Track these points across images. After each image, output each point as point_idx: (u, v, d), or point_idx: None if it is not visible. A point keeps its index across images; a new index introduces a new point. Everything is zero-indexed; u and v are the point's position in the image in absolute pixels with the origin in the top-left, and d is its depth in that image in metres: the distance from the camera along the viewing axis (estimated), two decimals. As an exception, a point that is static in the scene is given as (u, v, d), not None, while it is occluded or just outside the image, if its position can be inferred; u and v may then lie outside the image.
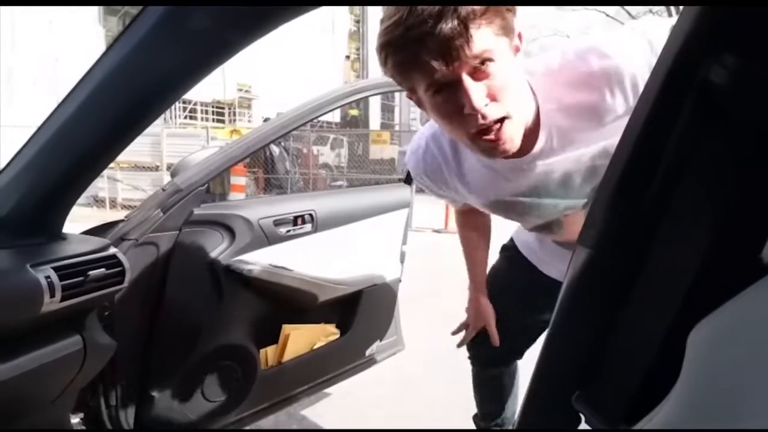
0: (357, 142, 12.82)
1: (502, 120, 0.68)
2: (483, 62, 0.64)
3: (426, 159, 0.89)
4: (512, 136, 0.70)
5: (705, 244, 0.40)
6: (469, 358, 1.43)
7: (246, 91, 16.71)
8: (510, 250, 1.26)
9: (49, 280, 0.83)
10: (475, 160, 0.85)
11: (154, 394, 1.30)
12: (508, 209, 0.91)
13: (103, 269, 0.94)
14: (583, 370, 0.52)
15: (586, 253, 0.51)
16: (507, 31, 0.67)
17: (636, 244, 0.46)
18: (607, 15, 14.76)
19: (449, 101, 0.67)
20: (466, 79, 0.64)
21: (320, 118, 1.53)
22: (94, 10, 12.57)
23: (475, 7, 0.62)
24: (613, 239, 0.49)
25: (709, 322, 0.33)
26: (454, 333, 1.30)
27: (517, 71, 0.71)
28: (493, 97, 0.66)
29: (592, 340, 0.51)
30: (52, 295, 0.83)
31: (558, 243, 1.06)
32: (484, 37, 0.63)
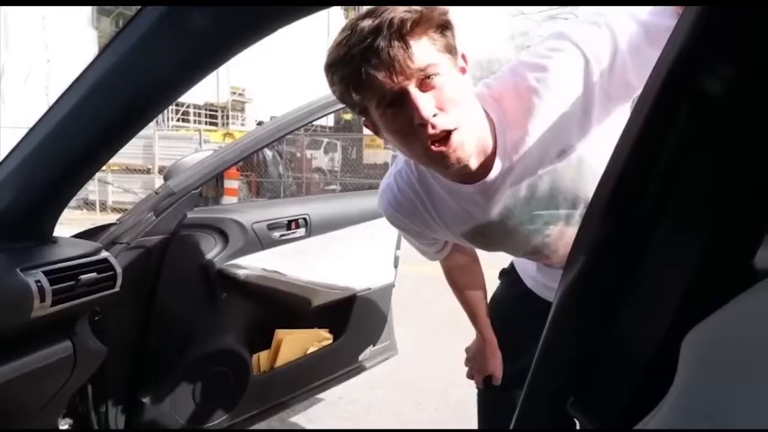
0: (350, 146, 12.82)
1: (449, 132, 0.69)
2: (428, 76, 0.67)
3: (396, 195, 0.89)
4: (462, 145, 0.71)
5: (698, 251, 0.41)
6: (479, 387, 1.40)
7: (239, 94, 16.68)
8: (509, 274, 1.22)
9: (39, 284, 0.82)
10: (441, 189, 0.85)
11: (145, 399, 1.28)
12: (488, 237, 0.90)
13: (94, 273, 0.93)
14: (578, 375, 0.52)
15: (580, 259, 0.51)
16: (449, 48, 0.70)
17: (629, 250, 0.46)
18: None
19: (399, 114, 0.68)
20: (413, 90, 0.67)
21: (314, 122, 1.52)
22: (87, 11, 12.50)
23: (407, 18, 0.64)
24: (606, 246, 0.49)
25: (703, 329, 0.33)
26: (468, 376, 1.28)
27: (465, 87, 0.73)
28: (441, 108, 0.68)
29: (586, 345, 0.52)
30: (43, 300, 0.82)
31: (554, 267, 1.01)
32: (424, 50, 0.67)
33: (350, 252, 1.64)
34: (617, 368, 0.49)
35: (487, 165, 0.78)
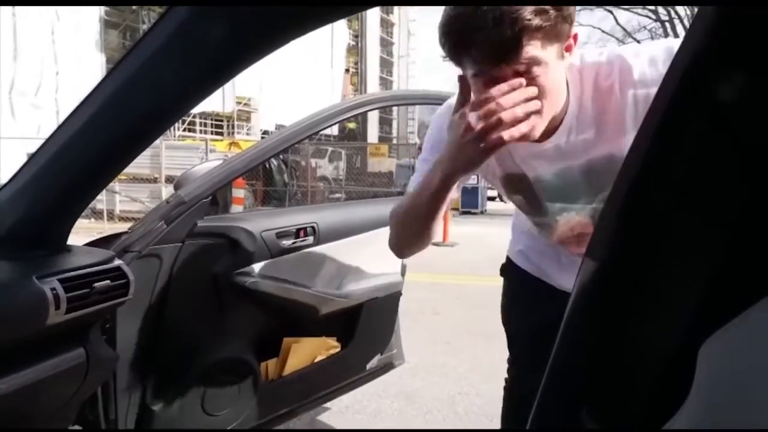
0: (355, 154, 12.88)
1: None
2: (529, 66, 0.69)
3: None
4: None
5: (715, 258, 0.41)
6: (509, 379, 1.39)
7: (245, 103, 16.80)
8: (508, 269, 1.23)
9: (54, 292, 0.83)
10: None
11: (155, 407, 1.29)
12: (510, 186, 0.94)
13: (108, 281, 0.94)
14: (592, 384, 0.52)
15: (595, 265, 0.51)
16: (560, 38, 0.71)
17: (645, 257, 0.46)
18: (603, 31, 14.99)
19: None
20: (509, 76, 0.69)
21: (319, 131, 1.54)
22: (94, 23, 12.67)
23: (533, 21, 0.66)
24: (622, 253, 0.49)
25: (721, 337, 0.34)
26: None
27: (560, 74, 0.75)
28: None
29: (601, 353, 0.52)
30: (58, 307, 0.83)
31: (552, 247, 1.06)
32: (535, 47, 0.68)
33: (358, 260, 1.64)
34: (632, 377, 0.49)
35: (545, 132, 0.79)
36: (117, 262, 1.01)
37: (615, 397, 0.50)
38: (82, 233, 1.50)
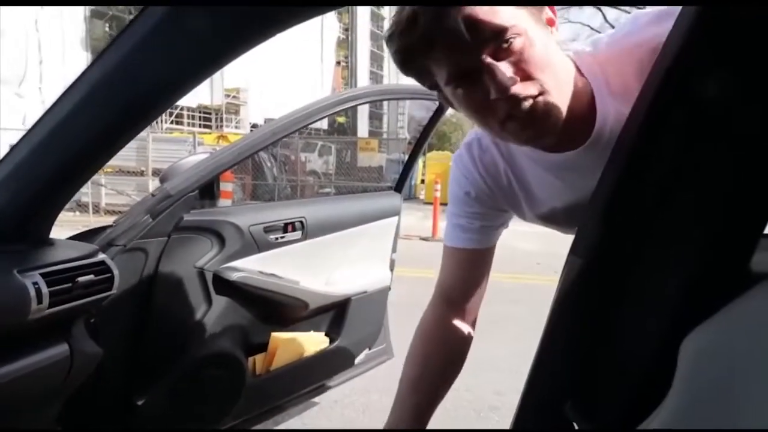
0: (345, 149, 12.83)
1: (534, 97, 0.58)
2: (505, 40, 0.56)
3: (481, 149, 0.77)
4: (549, 112, 0.59)
5: (695, 254, 0.41)
6: None
7: (233, 96, 16.64)
8: None
9: (36, 286, 0.81)
10: (527, 160, 0.73)
11: (140, 402, 1.28)
12: (558, 219, 0.78)
13: (91, 275, 0.92)
14: (576, 379, 0.53)
15: (578, 263, 0.52)
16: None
17: (628, 254, 0.47)
18: (591, 28, 15.07)
19: (473, 91, 0.59)
20: (488, 62, 0.56)
21: (308, 125, 1.52)
22: (79, 12, 12.43)
23: None
24: (605, 250, 0.50)
25: (701, 332, 0.34)
26: None
27: (551, 45, 0.61)
28: (523, 75, 0.57)
29: (584, 349, 0.52)
30: (40, 302, 0.82)
31: None
32: (498, 10, 0.55)
33: (346, 255, 1.64)
34: (615, 372, 0.50)
35: (581, 135, 0.65)
36: (101, 256, 0.99)
37: (598, 392, 0.51)
38: (66, 226, 1.47)
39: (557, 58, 0.61)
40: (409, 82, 0.69)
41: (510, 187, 0.78)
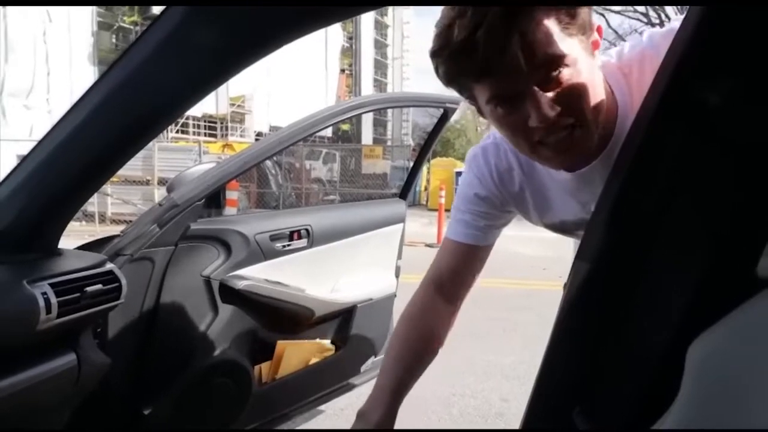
0: (349, 156, 12.87)
1: (572, 127, 0.60)
2: (554, 68, 0.56)
3: (498, 156, 0.78)
4: (583, 143, 0.61)
5: (701, 259, 0.41)
6: None
7: (238, 105, 16.76)
8: None
9: (45, 296, 0.82)
10: (546, 177, 0.75)
11: (146, 411, 1.28)
12: (567, 229, 0.82)
13: (99, 285, 0.93)
14: (583, 384, 0.53)
15: (585, 268, 0.52)
16: (582, 28, 0.59)
17: (634, 259, 0.47)
18: (595, 34, 15.07)
19: (513, 113, 0.60)
20: (535, 92, 0.57)
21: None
22: (87, 25, 12.60)
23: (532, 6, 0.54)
24: (611, 255, 0.50)
25: (708, 336, 0.34)
26: None
27: (595, 71, 0.61)
28: (565, 105, 0.58)
29: (591, 354, 0.52)
30: (49, 312, 0.82)
31: None
32: (549, 40, 0.55)
33: (352, 262, 1.64)
34: (622, 378, 0.50)
35: (598, 149, 0.66)
36: (109, 265, 1.00)
37: (606, 397, 0.50)
38: (73, 236, 1.49)
39: (597, 83, 0.62)
40: (413, 89, 0.69)
41: (521, 194, 0.80)
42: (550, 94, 0.57)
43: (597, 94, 0.61)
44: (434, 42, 0.60)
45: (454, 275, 0.87)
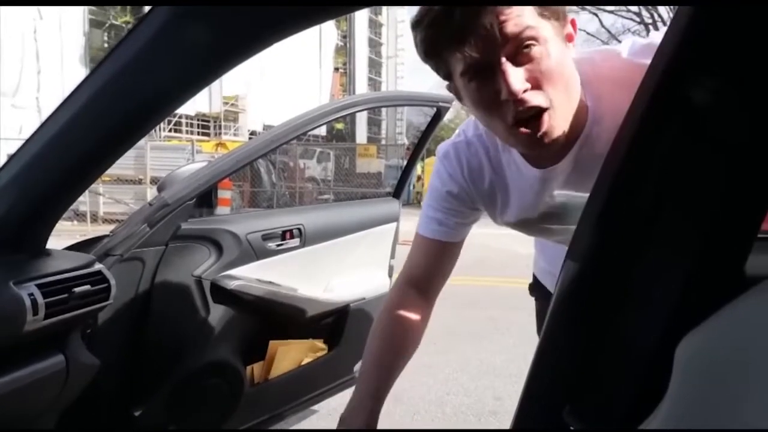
0: (343, 155, 12.87)
1: (542, 110, 0.61)
2: (525, 45, 0.59)
3: (469, 153, 0.80)
4: (552, 128, 0.62)
5: (690, 258, 0.41)
6: None
7: (232, 104, 16.69)
8: (536, 287, 1.20)
9: (32, 297, 0.81)
10: (514, 173, 0.78)
11: (137, 413, 1.27)
12: (529, 227, 0.85)
13: (88, 286, 0.92)
14: (573, 384, 0.53)
15: (575, 268, 0.52)
16: (555, 12, 0.61)
17: (623, 259, 0.47)
18: (588, 33, 15.17)
19: (485, 86, 0.61)
20: (505, 63, 0.59)
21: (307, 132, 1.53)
22: (78, 22, 12.48)
23: None
24: (601, 255, 0.50)
25: (697, 335, 0.34)
26: None
27: (567, 60, 0.64)
28: (534, 83, 0.60)
29: (582, 353, 0.52)
30: (36, 313, 0.81)
31: None
32: (525, 14, 0.58)
33: (345, 262, 1.64)
34: (612, 377, 0.50)
35: (564, 148, 0.68)
36: (98, 266, 0.99)
37: (595, 396, 0.50)
38: (65, 236, 1.47)
39: (570, 74, 0.64)
40: (407, 88, 0.70)
41: (490, 191, 0.82)
42: (521, 69, 0.60)
43: (568, 82, 0.63)
44: (416, 14, 0.62)
45: (428, 272, 0.88)
